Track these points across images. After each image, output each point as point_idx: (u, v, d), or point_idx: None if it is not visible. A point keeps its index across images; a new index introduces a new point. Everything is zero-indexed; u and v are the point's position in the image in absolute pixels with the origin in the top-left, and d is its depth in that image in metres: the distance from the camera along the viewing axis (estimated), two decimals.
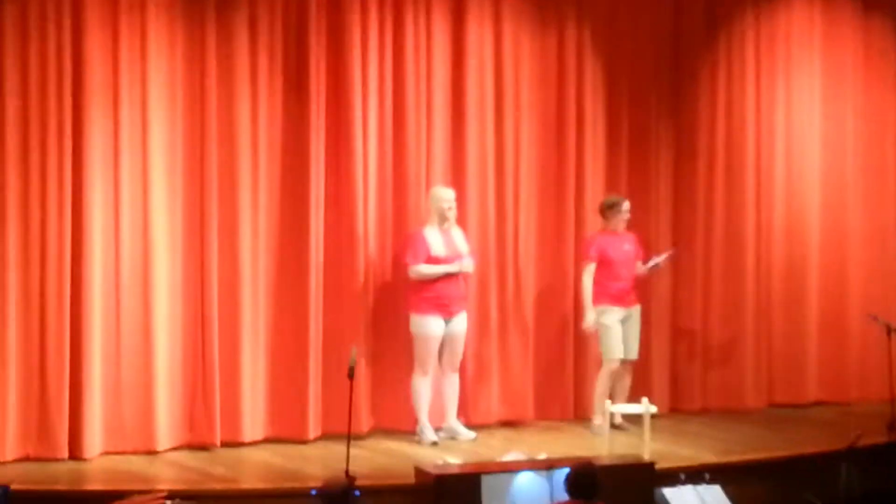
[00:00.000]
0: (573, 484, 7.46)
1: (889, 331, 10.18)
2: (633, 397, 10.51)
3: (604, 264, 10.78)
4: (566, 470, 8.06)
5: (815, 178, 12.28)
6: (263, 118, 10.28)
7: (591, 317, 10.73)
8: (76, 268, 9.65)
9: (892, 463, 9.45)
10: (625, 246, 10.90)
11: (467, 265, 10.34)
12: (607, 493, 7.47)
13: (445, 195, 10.39)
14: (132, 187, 9.85)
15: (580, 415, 11.19)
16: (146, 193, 9.89)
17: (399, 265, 10.47)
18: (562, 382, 11.34)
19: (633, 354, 10.90)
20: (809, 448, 10.24)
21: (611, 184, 11.48)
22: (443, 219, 10.33)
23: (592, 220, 11.22)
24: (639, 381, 11.13)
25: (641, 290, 11.13)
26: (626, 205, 10.92)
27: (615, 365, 10.76)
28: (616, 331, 10.76)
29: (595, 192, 11.37)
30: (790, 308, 12.11)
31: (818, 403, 12.06)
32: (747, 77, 12.02)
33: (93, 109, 9.71)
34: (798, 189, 12.22)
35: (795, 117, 12.22)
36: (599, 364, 10.91)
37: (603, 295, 10.78)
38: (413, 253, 10.28)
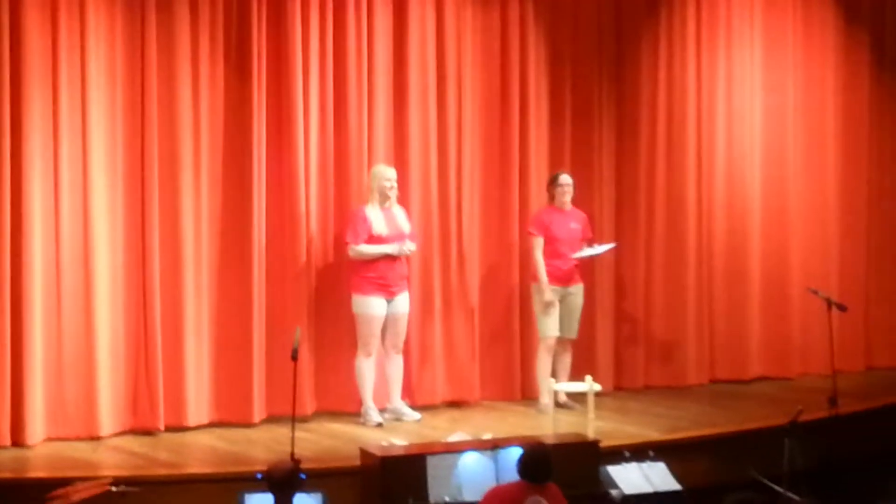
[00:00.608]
0: (526, 466, 7.47)
1: (829, 305, 10.24)
2: (578, 376, 10.54)
3: (547, 242, 10.81)
4: (512, 449, 8.12)
5: (756, 152, 12.34)
6: (205, 101, 10.22)
7: (548, 293, 10.74)
8: (15, 251, 9.56)
9: (834, 437, 9.52)
10: (571, 224, 10.92)
11: (408, 246, 10.32)
12: (552, 472, 7.50)
13: (387, 173, 10.36)
14: (72, 169, 9.77)
15: (527, 395, 11.21)
16: (86, 176, 9.81)
17: (341, 245, 10.44)
18: (508, 362, 11.35)
19: (573, 333, 10.92)
20: (752, 424, 10.32)
21: (554, 160, 11.48)
22: (384, 197, 10.31)
23: (537, 198, 11.25)
24: (583, 359, 11.18)
25: (585, 268, 11.15)
26: (563, 178, 10.92)
27: (550, 342, 10.79)
28: (552, 309, 10.77)
29: (539, 170, 11.38)
30: (731, 284, 12.18)
31: (760, 379, 12.16)
32: (688, 51, 12.06)
33: (31, 94, 9.62)
34: (739, 164, 12.28)
35: (736, 91, 12.28)
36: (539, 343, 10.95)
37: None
38: (353, 232, 10.25)
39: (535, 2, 11.44)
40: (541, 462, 7.46)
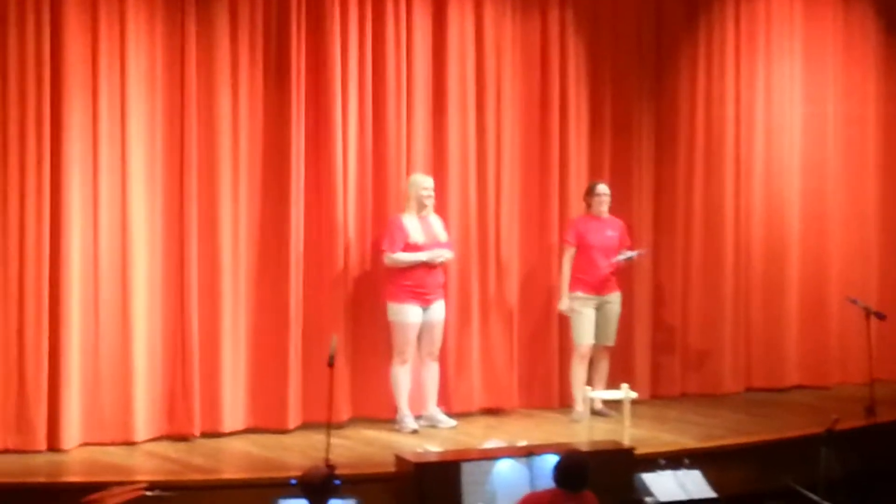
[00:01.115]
0: (562, 473, 7.45)
1: (868, 314, 10.21)
2: (615, 384, 10.53)
3: (582, 249, 10.81)
4: (546, 457, 8.10)
5: (795, 162, 12.32)
6: (244, 109, 10.26)
7: (565, 303, 10.76)
8: (55, 260, 9.61)
9: (871, 445, 9.48)
10: (607, 232, 10.91)
11: (444, 254, 10.32)
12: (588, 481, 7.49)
13: (424, 182, 10.38)
14: (111, 180, 9.82)
15: (565, 403, 11.19)
16: (125, 186, 9.86)
17: (378, 253, 10.45)
18: (545, 370, 11.35)
19: (609, 341, 10.91)
20: (789, 432, 10.28)
21: (594, 170, 11.49)
22: (421, 206, 10.33)
23: (576, 207, 11.24)
24: (620, 367, 11.17)
25: (623, 276, 11.13)
26: (601, 187, 10.93)
27: (584, 350, 10.79)
28: (587, 317, 10.78)
29: (578, 179, 11.37)
30: (769, 293, 12.15)
31: (797, 387, 12.12)
32: (727, 62, 12.06)
33: (72, 102, 9.67)
34: (777, 174, 12.25)
35: (775, 102, 12.26)
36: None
37: (577, 281, 10.83)
38: (390, 240, 10.27)
39: (576, 12, 11.45)
40: (578, 469, 7.44)
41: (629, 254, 10.93)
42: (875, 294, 12.24)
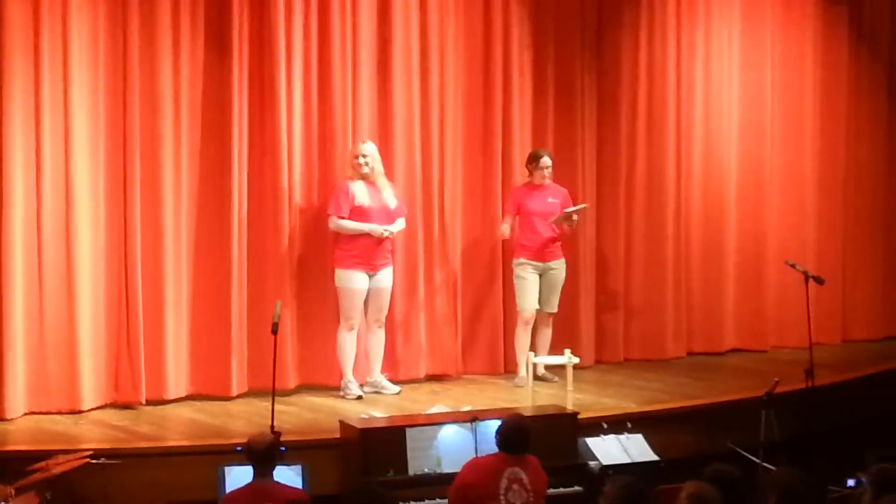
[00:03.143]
0: (504, 437, 7.52)
1: (806, 277, 10.29)
2: (559, 350, 10.61)
3: (523, 217, 10.87)
4: (490, 422, 8.15)
5: (734, 128, 12.41)
6: (186, 77, 10.20)
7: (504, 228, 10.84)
8: None
9: (811, 408, 9.60)
10: (549, 199, 10.95)
11: (390, 229, 10.32)
12: (530, 444, 7.55)
13: (357, 149, 10.38)
14: (53, 148, 9.76)
15: (510, 369, 11.23)
16: (68, 150, 9.80)
17: (325, 220, 10.45)
18: (490, 336, 11.41)
19: (553, 307, 10.97)
20: (729, 395, 10.41)
21: (537, 137, 11.52)
22: (356, 173, 10.32)
23: (520, 174, 11.26)
24: (565, 333, 11.25)
25: (567, 244, 11.20)
26: (545, 160, 10.94)
27: (527, 315, 10.84)
28: (531, 283, 10.83)
29: (522, 146, 11.39)
30: (708, 258, 12.26)
31: (735, 351, 12.25)
32: (668, 27, 12.09)
33: (13, 70, 9.61)
34: (717, 140, 12.34)
35: (714, 68, 12.33)
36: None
37: (521, 248, 10.89)
38: (335, 204, 10.29)
39: None
40: (519, 433, 7.51)
41: (567, 210, 10.96)
42: (813, 259, 12.35)
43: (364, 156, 10.32)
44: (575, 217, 11.01)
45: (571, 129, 11.71)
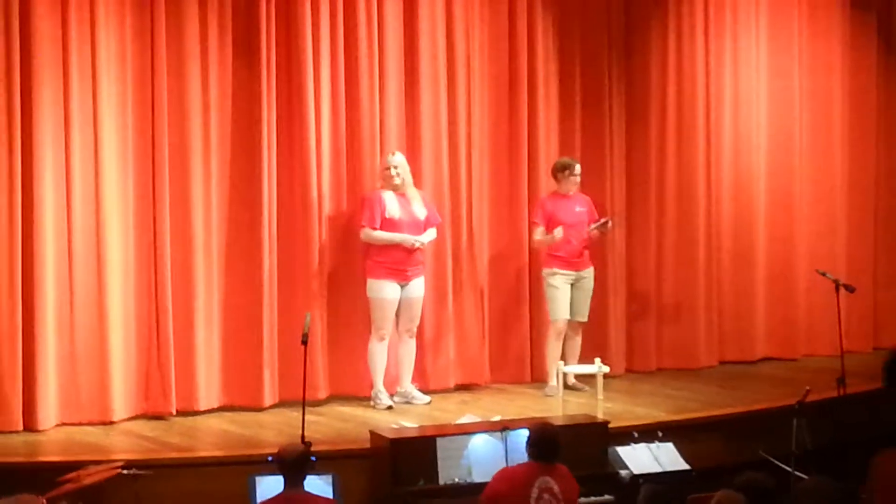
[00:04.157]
0: (534, 446, 7.51)
1: (837, 286, 10.28)
2: (588, 359, 10.58)
3: (553, 227, 10.83)
4: (521, 431, 8.14)
5: (763, 137, 12.40)
6: (214, 88, 10.24)
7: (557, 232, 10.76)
8: (27, 240, 9.59)
9: (842, 417, 9.56)
10: (576, 208, 10.95)
11: (421, 239, 10.33)
12: (561, 453, 7.52)
13: (388, 161, 10.40)
14: (83, 160, 9.80)
15: (537, 378, 11.25)
16: (97, 164, 9.83)
17: (354, 231, 10.47)
18: (517, 346, 11.41)
19: (583, 317, 10.96)
20: (760, 404, 10.38)
21: (564, 146, 11.52)
22: (388, 184, 10.34)
23: (546, 183, 11.26)
24: (595, 342, 11.24)
25: (596, 252, 11.19)
26: (577, 168, 10.96)
27: (560, 326, 10.84)
28: (563, 293, 10.82)
29: (549, 155, 11.40)
30: (739, 266, 12.24)
31: (766, 360, 12.22)
32: (696, 37, 12.10)
33: (42, 82, 9.63)
34: (746, 148, 12.33)
35: (742, 77, 12.33)
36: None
37: (551, 258, 10.87)
38: (368, 215, 10.30)
39: None
40: (549, 441, 7.50)
41: (602, 221, 10.98)
42: (843, 267, 12.31)
43: (395, 167, 10.34)
44: (610, 224, 11.02)
45: (599, 137, 11.71)
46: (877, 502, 4.08)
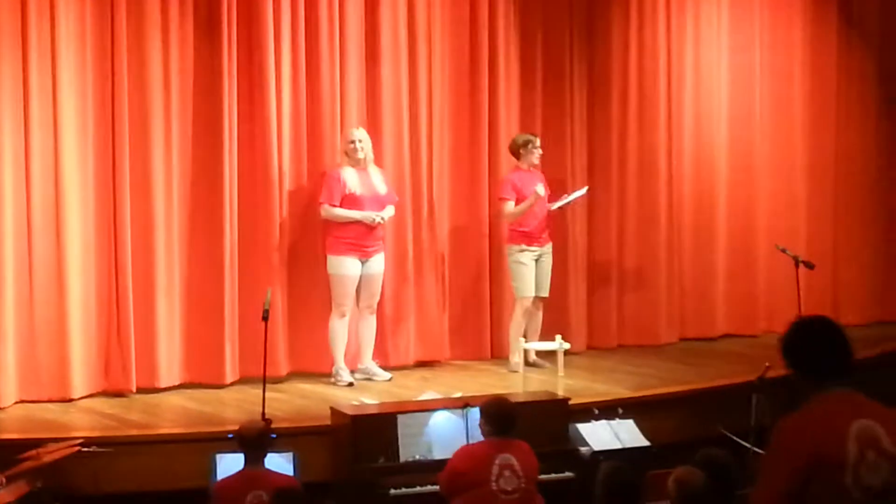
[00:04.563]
0: (489, 419, 7.52)
1: (797, 262, 10.33)
2: (550, 335, 10.62)
3: (518, 202, 10.81)
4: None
5: (723, 112, 12.43)
6: (175, 63, 10.18)
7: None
8: None
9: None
10: (538, 183, 10.95)
11: (382, 215, 10.31)
12: (522, 430, 7.55)
13: (352, 135, 10.37)
14: (42, 132, 9.74)
15: (497, 354, 11.27)
16: (57, 139, 9.77)
17: (315, 207, 10.44)
18: (478, 322, 11.42)
19: (544, 292, 10.96)
20: (720, 381, 10.41)
21: (525, 122, 11.50)
22: (352, 158, 10.32)
23: (507, 160, 11.25)
24: (556, 319, 11.25)
25: (556, 228, 11.20)
26: (538, 141, 10.96)
27: (527, 303, 10.84)
28: (530, 269, 10.82)
29: (510, 131, 11.38)
30: (700, 243, 12.28)
31: (726, 336, 12.27)
32: (658, 11, 12.10)
33: (1, 52, 9.57)
34: (707, 124, 12.36)
35: (704, 51, 12.35)
36: (515, 304, 10.99)
37: (517, 234, 10.87)
38: (328, 192, 10.27)
39: None
40: (503, 415, 7.50)
41: (575, 194, 10.98)
42: (803, 243, 12.36)
43: (360, 140, 10.31)
44: (582, 193, 11.06)
45: (561, 115, 11.70)
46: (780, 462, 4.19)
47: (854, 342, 4.70)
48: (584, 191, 11.25)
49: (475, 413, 8.30)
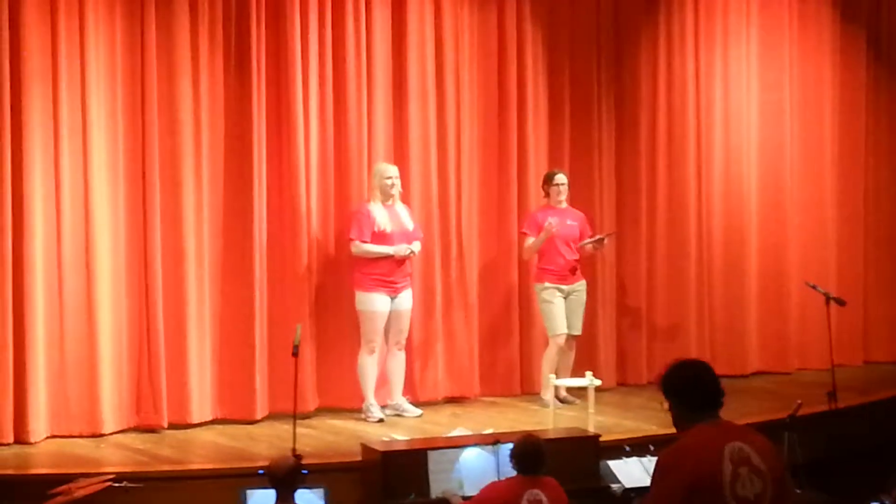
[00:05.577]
0: (518, 459, 7.49)
1: (827, 299, 10.30)
2: (580, 372, 10.57)
3: (545, 241, 10.81)
4: (511, 445, 8.12)
5: (753, 149, 12.42)
6: (205, 99, 10.23)
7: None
8: (17, 252, 9.56)
9: (833, 430, 9.56)
10: (567, 221, 10.93)
11: (412, 248, 10.33)
12: (552, 467, 7.50)
13: (387, 171, 10.40)
14: (73, 170, 9.78)
15: (527, 390, 11.27)
16: (87, 175, 9.82)
17: (343, 243, 10.47)
18: (508, 358, 11.41)
19: (577, 330, 10.94)
20: (752, 418, 10.32)
21: (553, 158, 11.52)
22: (386, 195, 10.34)
23: (535, 196, 11.27)
24: (586, 356, 11.23)
25: (587, 265, 11.19)
26: (559, 177, 10.95)
27: (560, 341, 10.81)
28: (558, 307, 10.81)
29: (538, 167, 11.40)
30: (730, 280, 12.25)
31: (758, 373, 12.22)
32: (687, 49, 12.12)
33: (32, 92, 9.62)
34: (736, 161, 12.35)
35: (733, 89, 12.35)
36: (545, 338, 10.97)
37: (543, 272, 10.87)
38: (358, 228, 10.28)
39: (533, 0, 11.47)
40: (531, 453, 7.45)
41: (597, 238, 10.98)
42: (833, 280, 12.34)
43: (396, 177, 10.34)
44: (606, 242, 11.04)
45: (589, 150, 11.72)
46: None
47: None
48: (610, 234, 11.22)
49: (505, 449, 8.28)
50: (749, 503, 4.95)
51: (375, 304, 10.22)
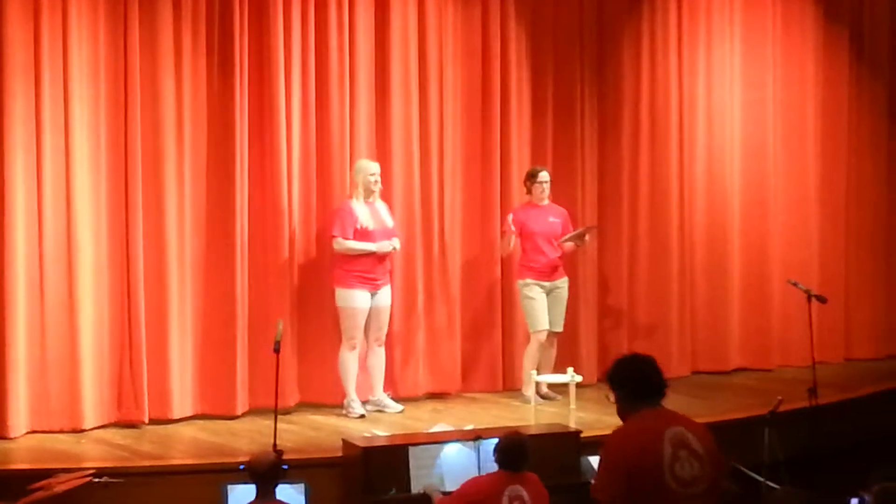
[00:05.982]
0: (502, 454, 7.51)
1: (809, 297, 10.33)
2: (562, 368, 10.59)
3: (525, 237, 10.84)
4: (493, 440, 8.13)
5: (736, 147, 12.44)
6: (187, 97, 10.22)
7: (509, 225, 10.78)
8: None
9: (814, 426, 9.59)
10: (549, 218, 10.94)
11: (394, 245, 10.34)
12: (533, 462, 7.52)
13: (371, 168, 10.40)
14: (55, 167, 9.77)
15: (508, 386, 11.27)
16: (69, 173, 9.80)
17: (324, 239, 10.47)
18: (489, 354, 11.41)
19: (558, 327, 10.95)
20: (733, 414, 10.38)
21: (536, 155, 11.52)
22: (368, 192, 10.34)
23: (518, 193, 11.27)
24: (567, 352, 11.24)
25: (568, 261, 11.20)
26: (542, 174, 10.95)
27: (542, 337, 10.82)
28: (540, 303, 10.81)
29: (521, 164, 11.40)
30: (712, 276, 12.26)
31: (740, 370, 12.24)
32: (670, 46, 12.12)
33: (14, 89, 9.61)
34: (719, 159, 12.36)
35: (716, 87, 12.35)
36: (527, 335, 10.98)
37: (524, 268, 10.88)
38: (340, 226, 10.28)
39: None
40: (516, 449, 7.48)
41: (577, 232, 10.98)
42: (816, 277, 12.34)
43: (378, 174, 10.34)
44: (587, 237, 11.03)
45: (571, 147, 11.72)
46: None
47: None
48: (591, 228, 11.22)
49: (487, 445, 8.30)
50: (686, 484, 5.33)
51: (356, 300, 10.22)
